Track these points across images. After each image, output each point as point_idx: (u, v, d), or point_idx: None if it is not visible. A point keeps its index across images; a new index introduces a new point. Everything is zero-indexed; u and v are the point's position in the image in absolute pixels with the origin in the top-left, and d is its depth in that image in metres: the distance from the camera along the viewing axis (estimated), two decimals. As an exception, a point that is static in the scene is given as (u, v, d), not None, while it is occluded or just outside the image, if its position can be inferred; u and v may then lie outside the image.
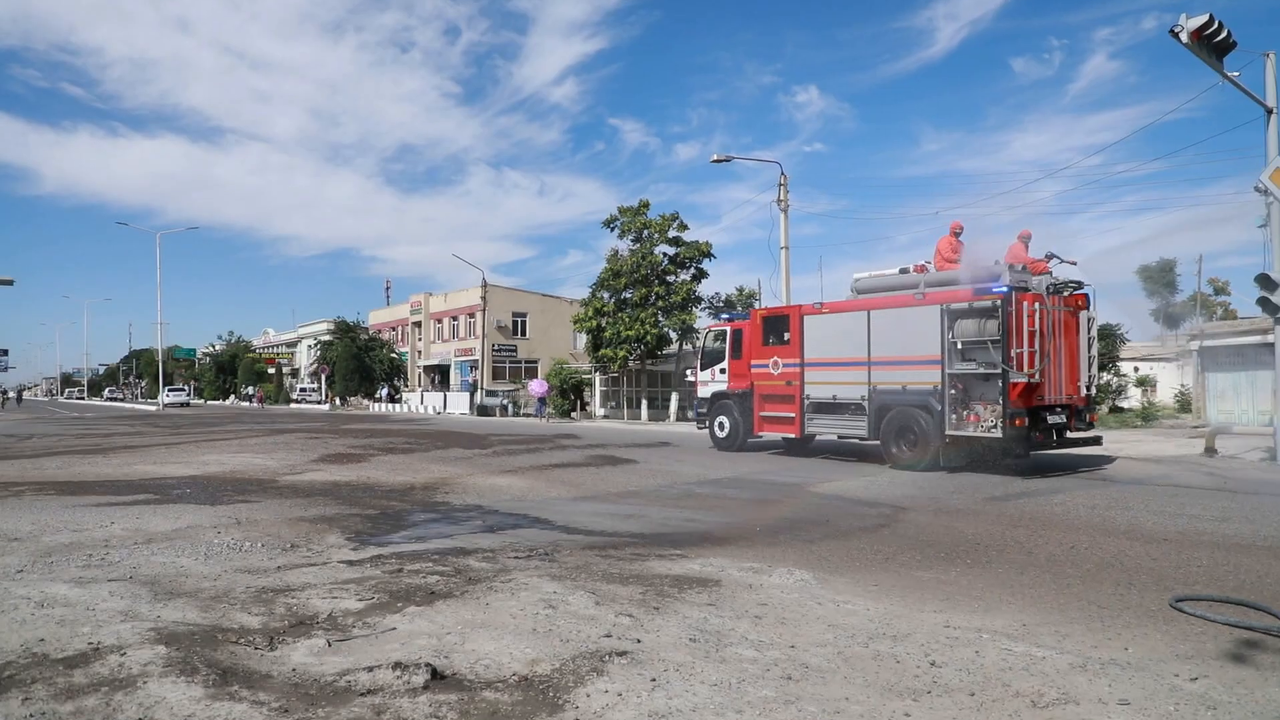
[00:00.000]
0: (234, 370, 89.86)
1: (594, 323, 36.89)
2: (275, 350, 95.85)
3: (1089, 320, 15.24)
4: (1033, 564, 7.18)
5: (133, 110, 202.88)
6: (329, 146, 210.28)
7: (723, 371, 19.33)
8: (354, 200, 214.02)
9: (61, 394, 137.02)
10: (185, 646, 4.59)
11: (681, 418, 34.80)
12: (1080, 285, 15.38)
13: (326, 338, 71.01)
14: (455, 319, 66.46)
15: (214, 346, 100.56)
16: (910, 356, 15.10)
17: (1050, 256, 15.56)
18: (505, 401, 44.19)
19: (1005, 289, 14.04)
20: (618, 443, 21.25)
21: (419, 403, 52.05)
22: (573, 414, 39.51)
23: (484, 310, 52.94)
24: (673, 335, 35.54)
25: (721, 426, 19.24)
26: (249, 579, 6.28)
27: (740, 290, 39.63)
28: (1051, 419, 14.55)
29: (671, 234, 36.73)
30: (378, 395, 60.84)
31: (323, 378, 65.38)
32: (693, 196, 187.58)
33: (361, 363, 62.21)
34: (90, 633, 4.85)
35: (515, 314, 62.39)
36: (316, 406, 61.82)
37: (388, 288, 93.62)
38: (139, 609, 5.38)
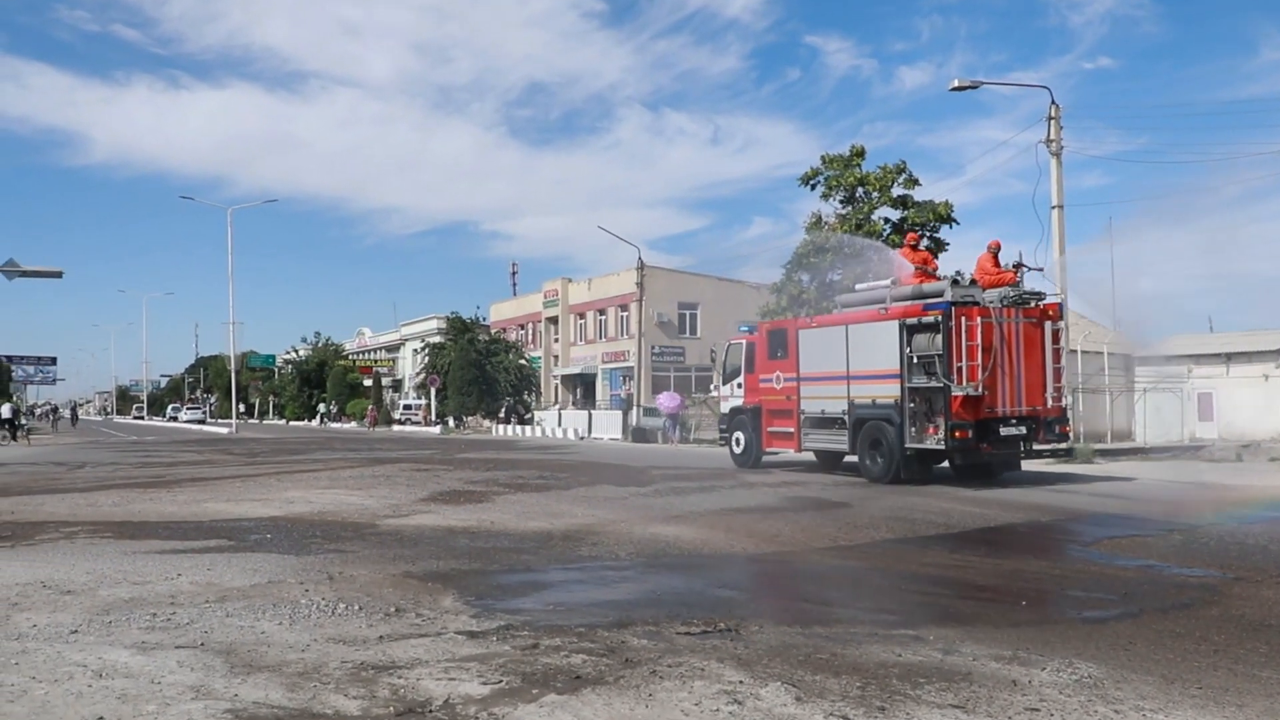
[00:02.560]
0: (321, 382, 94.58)
1: (790, 315, 36.77)
2: (372, 356, 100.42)
3: (1055, 331, 19.90)
4: None
5: (196, 55, 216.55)
6: (437, 90, 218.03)
7: (740, 386, 24.79)
8: (469, 159, 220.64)
9: (118, 413, 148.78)
10: (269, 734, 4.88)
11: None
12: (1042, 296, 20.29)
13: (436, 339, 73.80)
14: (602, 313, 67.77)
15: (296, 351, 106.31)
16: (878, 370, 20.01)
17: (1019, 266, 20.25)
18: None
19: (945, 304, 18.84)
20: (823, 479, 21.09)
21: (556, 424, 53.27)
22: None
23: (640, 300, 53.62)
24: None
25: (738, 443, 24.79)
26: (344, 650, 6.62)
27: (995, 268, 38.38)
28: (1006, 431, 19.09)
29: (896, 191, 36.18)
30: (502, 414, 62.60)
31: (432, 391, 67.79)
32: (924, 139, 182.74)
33: (482, 371, 64.03)
34: (156, 712, 5.25)
35: (682, 305, 63.00)
36: (425, 429, 64.05)
37: (514, 273, 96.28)
38: (212, 684, 5.78)
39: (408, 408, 76.28)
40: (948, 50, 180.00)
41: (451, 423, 63.76)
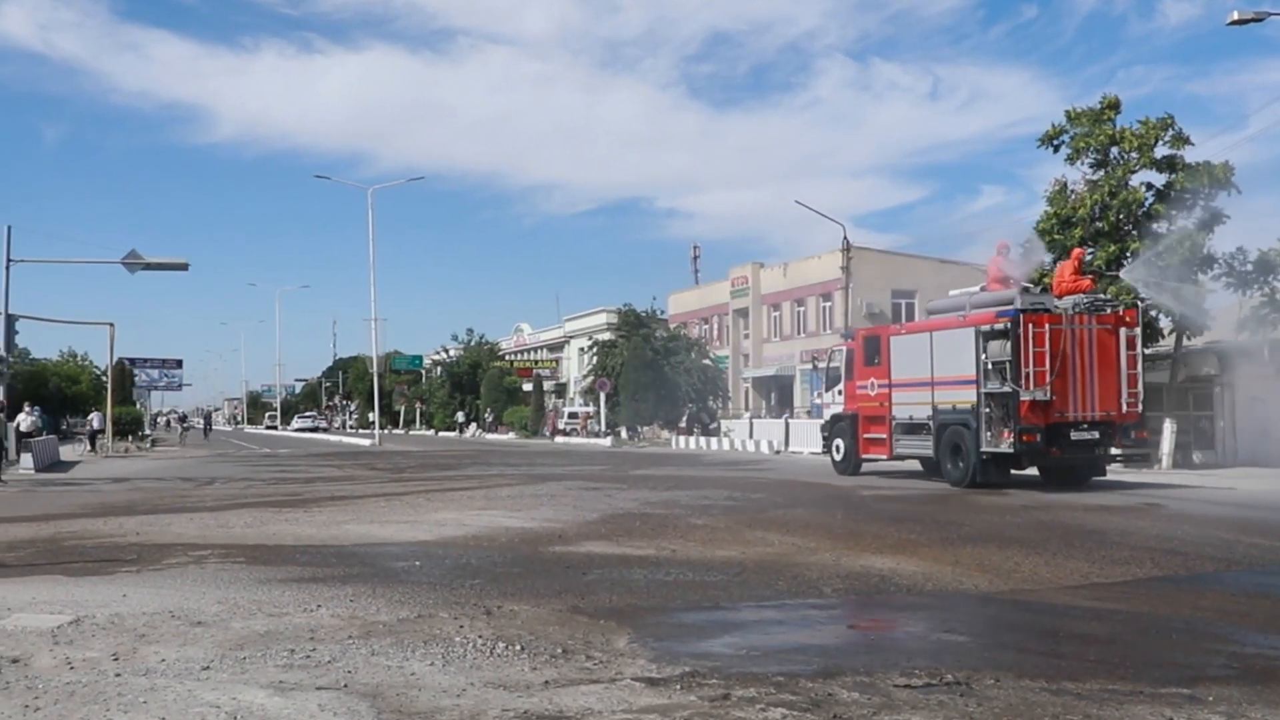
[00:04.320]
0: (474, 386, 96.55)
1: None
2: (532, 356, 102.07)
3: (1130, 337, 23.47)
4: None
5: (331, 14, 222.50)
6: (604, 45, 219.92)
7: (840, 393, 29.19)
8: (642, 125, 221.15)
9: (249, 421, 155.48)
10: (422, 791, 5.02)
11: (1182, 457, 32.93)
12: (1115, 301, 24.67)
13: (606, 336, 74.49)
14: (800, 303, 67.46)
15: (446, 351, 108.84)
16: (957, 376, 23.97)
17: (1094, 273, 24.48)
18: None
19: (1014, 311, 22.69)
20: (1072, 502, 20.57)
21: (746, 435, 53.24)
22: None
23: (847, 287, 53.28)
24: (1163, 319, 33.81)
25: (838, 449, 29.10)
26: (505, 697, 6.77)
27: (1287, 243, 36.51)
28: (1077, 435, 22.88)
29: (1160, 152, 34.92)
30: (683, 424, 62.79)
31: (601, 397, 68.38)
32: (1194, 86, 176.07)
33: (659, 374, 64.23)
34: (296, 762, 5.46)
35: (896, 293, 62.15)
36: (590, 441, 64.57)
37: (695, 257, 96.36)
38: (358, 732, 5.98)
39: (572, 416, 76.91)
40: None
41: (624, 433, 64.17)
